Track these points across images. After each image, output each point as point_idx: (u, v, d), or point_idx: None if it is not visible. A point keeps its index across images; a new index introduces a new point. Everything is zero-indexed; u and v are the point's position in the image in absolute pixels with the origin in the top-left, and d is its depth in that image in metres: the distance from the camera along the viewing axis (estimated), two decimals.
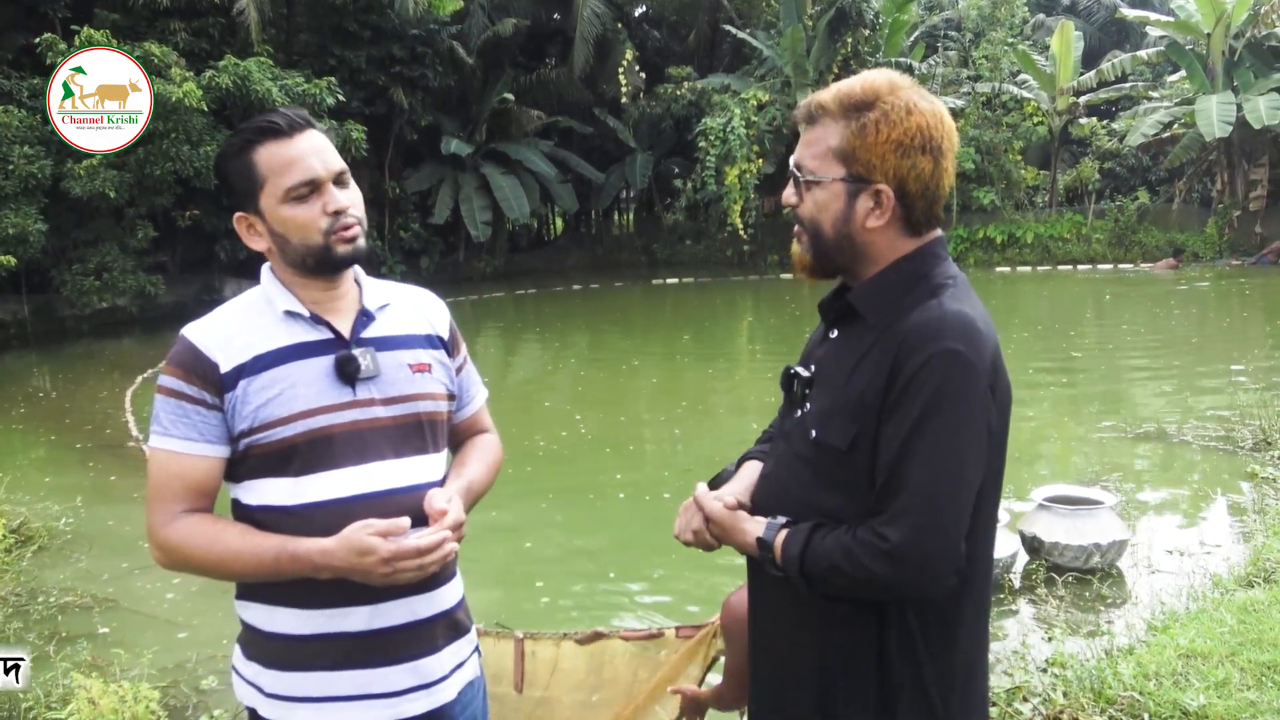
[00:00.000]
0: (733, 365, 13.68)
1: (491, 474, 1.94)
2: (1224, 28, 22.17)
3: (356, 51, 20.59)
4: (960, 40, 27.27)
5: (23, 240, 14.74)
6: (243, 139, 1.69)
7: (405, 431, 1.74)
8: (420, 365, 1.79)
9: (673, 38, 28.89)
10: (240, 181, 1.69)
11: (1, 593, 5.29)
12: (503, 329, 17.77)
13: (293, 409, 1.65)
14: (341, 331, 1.73)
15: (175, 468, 1.66)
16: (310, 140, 1.69)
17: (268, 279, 1.76)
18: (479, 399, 2.00)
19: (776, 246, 24.06)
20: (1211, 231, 23.32)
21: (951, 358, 1.44)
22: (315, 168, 1.68)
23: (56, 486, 7.62)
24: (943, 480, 1.44)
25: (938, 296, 1.52)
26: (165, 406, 1.67)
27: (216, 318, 1.72)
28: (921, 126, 1.52)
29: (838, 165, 1.54)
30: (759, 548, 1.58)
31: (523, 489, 7.16)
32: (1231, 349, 12.52)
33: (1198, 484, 6.88)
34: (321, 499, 1.66)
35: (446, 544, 1.63)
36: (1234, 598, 4.43)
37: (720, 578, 5.32)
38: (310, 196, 1.67)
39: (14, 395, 12.16)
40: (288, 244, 1.69)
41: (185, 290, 18.31)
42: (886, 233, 1.56)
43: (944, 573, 1.44)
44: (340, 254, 1.70)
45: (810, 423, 1.58)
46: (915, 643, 1.54)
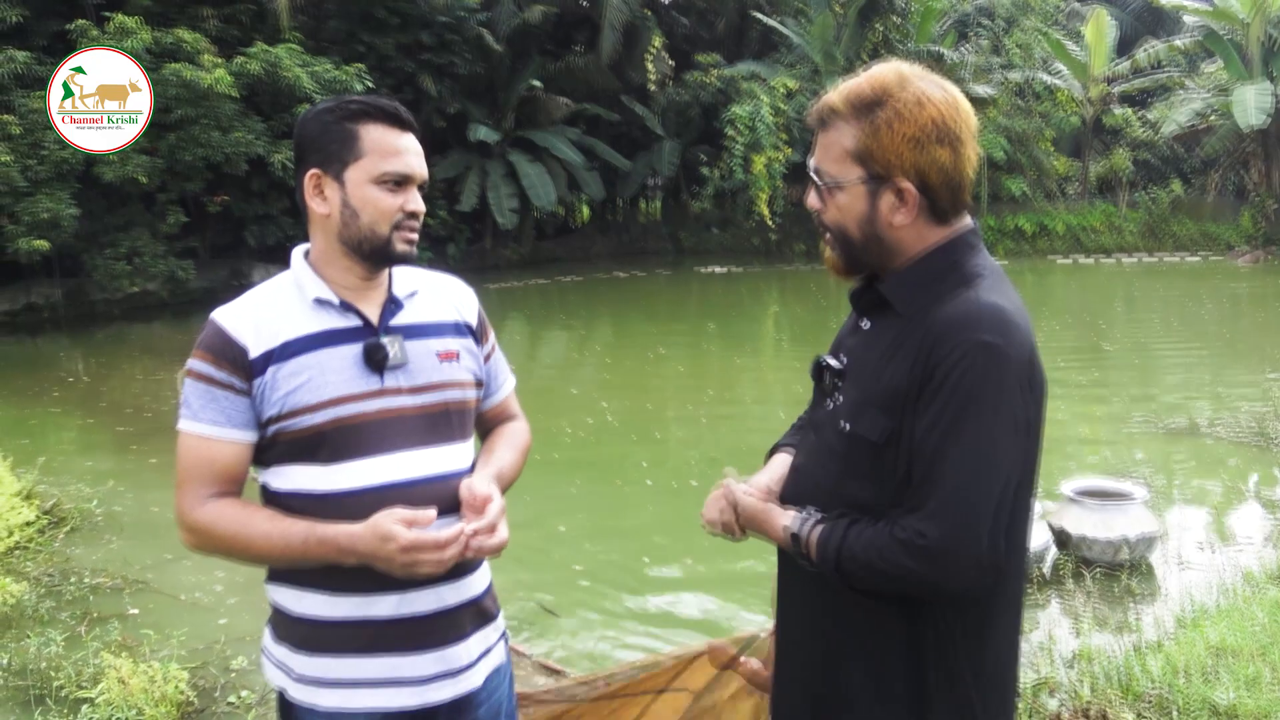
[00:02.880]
0: (759, 354, 13.65)
1: (520, 461, 1.94)
2: (1262, 15, 21.80)
3: (385, 38, 20.64)
4: (992, 28, 26.96)
5: (55, 225, 14.93)
6: (357, 107, 1.69)
7: (433, 420, 1.74)
8: (448, 353, 1.79)
9: (701, 25, 28.76)
10: (335, 144, 1.69)
11: (35, 573, 5.37)
12: (529, 316, 17.81)
13: (321, 396, 1.66)
14: (370, 319, 1.73)
15: (204, 452, 1.67)
16: (414, 142, 1.73)
17: (299, 263, 1.76)
18: (507, 386, 2.00)
19: (803, 236, 23.94)
20: (1245, 223, 22.99)
21: (985, 350, 1.42)
22: (415, 166, 1.71)
23: (89, 469, 7.71)
24: (979, 476, 1.41)
25: (972, 288, 1.49)
26: (194, 390, 1.68)
27: (246, 302, 1.73)
28: (935, 118, 1.48)
29: (856, 167, 1.51)
30: (790, 540, 1.56)
31: (551, 474, 7.20)
32: (1265, 343, 12.35)
33: (1229, 479, 6.80)
34: (349, 487, 1.67)
35: (483, 539, 1.64)
36: (1266, 594, 4.38)
37: (746, 562, 5.34)
38: (398, 189, 1.70)
39: (48, 378, 12.32)
40: (355, 220, 1.70)
41: (215, 275, 18.47)
42: (913, 226, 1.53)
43: (981, 569, 1.42)
44: (398, 251, 1.72)
45: (842, 415, 1.56)
46: (947, 639, 1.52)
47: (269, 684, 1.80)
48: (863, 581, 1.49)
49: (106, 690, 3.69)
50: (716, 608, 5.09)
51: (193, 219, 18.39)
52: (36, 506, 6.19)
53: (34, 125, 14.81)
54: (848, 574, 1.49)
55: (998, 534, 1.43)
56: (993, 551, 1.42)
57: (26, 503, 6.15)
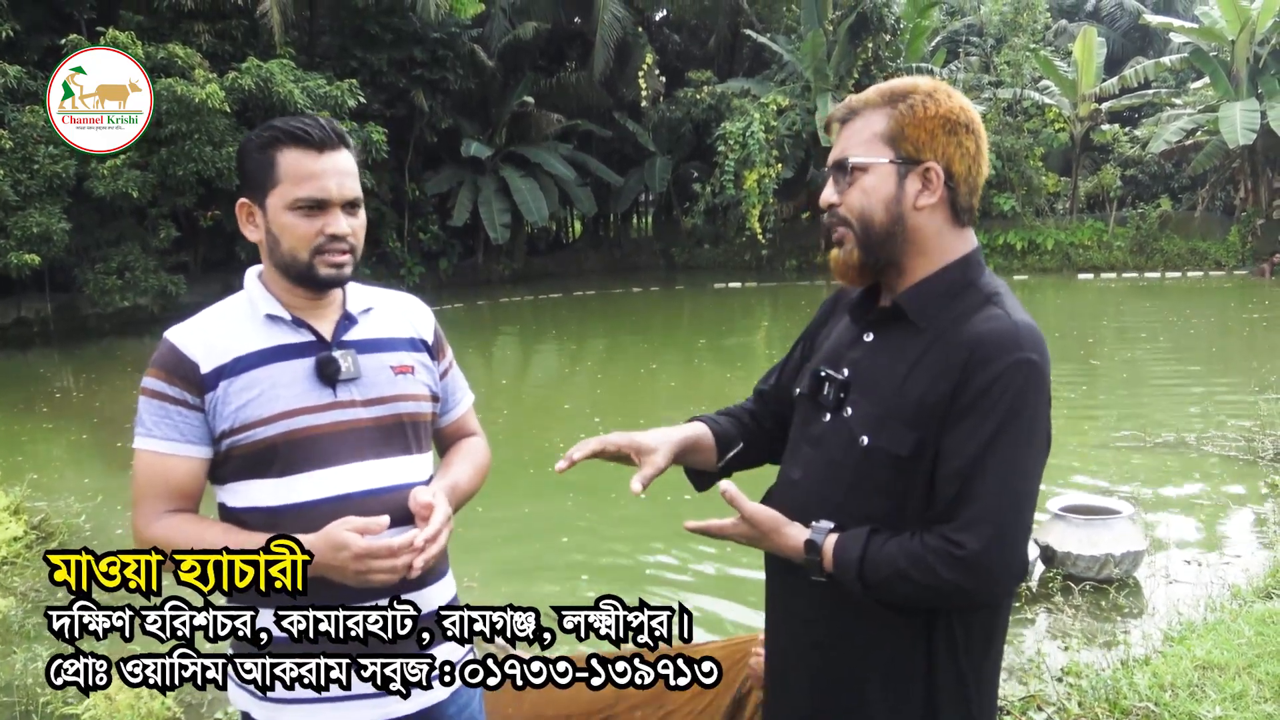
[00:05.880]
0: (751, 369, 13.65)
1: (478, 475, 1.94)
2: (1249, 34, 21.98)
3: (378, 54, 20.69)
4: (982, 46, 27.13)
5: (46, 239, 14.91)
6: (272, 135, 1.70)
7: (387, 432, 1.75)
8: (403, 367, 1.81)
9: (693, 42, 28.89)
10: (256, 173, 1.71)
11: (22, 588, 5.35)
12: (521, 331, 17.80)
13: (273, 409, 1.67)
14: (323, 334, 1.75)
15: (158, 468, 1.69)
16: (336, 160, 1.71)
17: (252, 282, 1.79)
18: (465, 402, 2.01)
19: (795, 251, 23.99)
20: (1234, 240, 23.13)
21: (1029, 368, 1.46)
22: (330, 189, 1.70)
23: (78, 484, 7.68)
24: (1016, 490, 1.46)
25: (999, 305, 1.53)
26: (148, 408, 1.69)
27: (199, 320, 1.75)
28: (964, 107, 1.57)
29: (886, 148, 1.56)
30: (806, 550, 1.55)
31: (545, 488, 7.26)
32: (1251, 358, 12.42)
33: (1217, 494, 6.83)
34: (303, 500, 1.68)
35: (429, 547, 1.62)
36: (1252, 609, 4.39)
37: (747, 568, 5.35)
38: (314, 213, 1.70)
39: (38, 393, 12.28)
40: (278, 247, 1.72)
41: (206, 290, 18.33)
42: (934, 217, 1.56)
43: (1012, 580, 1.49)
44: (322, 275, 1.72)
45: (859, 428, 1.56)
46: (958, 648, 1.55)
47: (236, 708, 1.80)
48: (888, 591, 1.49)
49: (93, 707, 3.68)
50: (725, 610, 5.15)
51: (184, 234, 18.39)
52: (24, 521, 6.16)
53: (25, 139, 14.83)
54: (871, 584, 1.49)
55: (1026, 545, 1.49)
56: (1023, 562, 1.49)
57: (14, 518, 6.13)
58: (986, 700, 1.60)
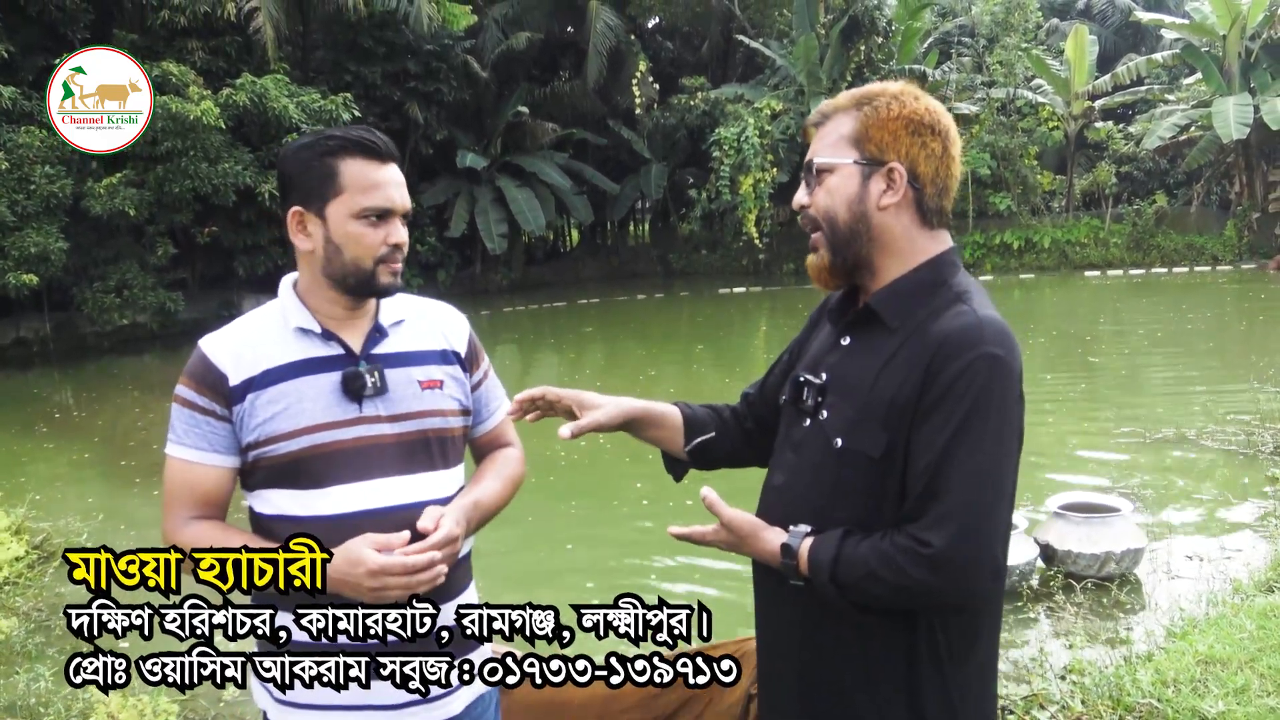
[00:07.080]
0: (749, 375, 13.65)
1: (508, 488, 1.93)
2: (1240, 29, 22.04)
3: (372, 67, 20.74)
4: (974, 46, 27.20)
5: (44, 259, 14.92)
6: (336, 143, 1.70)
7: (411, 448, 1.75)
8: (431, 382, 1.80)
9: (686, 48, 28.95)
10: (315, 180, 1.70)
11: (24, 608, 5.35)
12: (520, 341, 17.81)
13: (298, 424, 1.68)
14: (352, 347, 1.75)
15: (187, 476, 1.72)
16: (395, 173, 1.74)
17: (286, 293, 1.78)
18: (500, 413, 1.99)
19: (792, 255, 23.99)
20: (1230, 234, 23.17)
21: (993, 362, 1.46)
22: (395, 199, 1.72)
23: (80, 503, 7.68)
24: (984, 486, 1.44)
25: (966, 303, 1.53)
26: (179, 415, 1.72)
27: (231, 330, 1.76)
28: (931, 109, 1.58)
29: (851, 150, 1.58)
30: (782, 554, 1.56)
31: (549, 497, 7.27)
32: (1250, 352, 12.42)
33: (1217, 489, 6.83)
34: (326, 513, 1.68)
35: (437, 565, 1.63)
36: (1254, 603, 4.39)
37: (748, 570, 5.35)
38: (379, 223, 1.71)
39: (38, 413, 12.27)
40: (339, 255, 1.71)
41: (205, 306, 18.44)
42: (900, 217, 1.57)
43: (984, 578, 1.45)
44: (383, 283, 1.74)
45: (833, 431, 1.57)
46: (939, 652, 1.54)
47: (256, 705, 1.81)
48: (862, 593, 1.49)
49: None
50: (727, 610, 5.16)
51: (182, 250, 18.40)
52: (26, 541, 6.16)
53: (21, 160, 14.85)
54: (845, 586, 1.49)
55: (999, 542, 1.46)
56: (996, 560, 1.45)
57: (16, 538, 6.13)
58: (974, 706, 1.59)
